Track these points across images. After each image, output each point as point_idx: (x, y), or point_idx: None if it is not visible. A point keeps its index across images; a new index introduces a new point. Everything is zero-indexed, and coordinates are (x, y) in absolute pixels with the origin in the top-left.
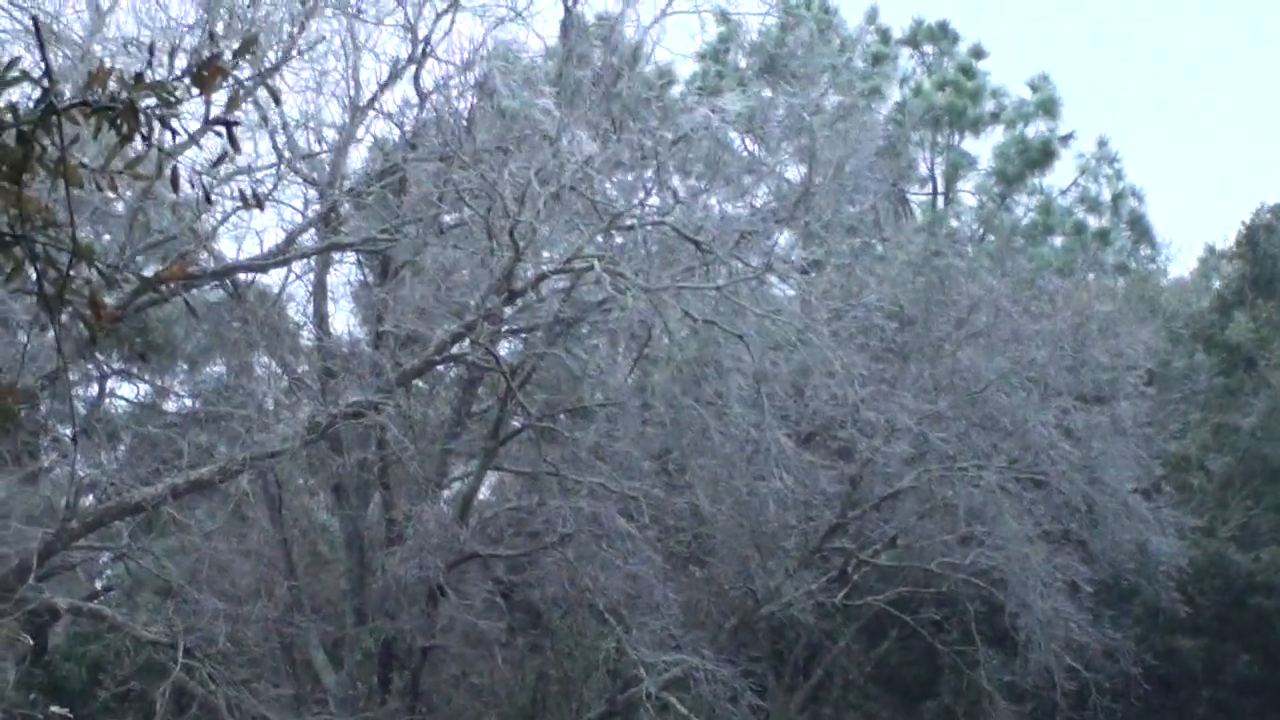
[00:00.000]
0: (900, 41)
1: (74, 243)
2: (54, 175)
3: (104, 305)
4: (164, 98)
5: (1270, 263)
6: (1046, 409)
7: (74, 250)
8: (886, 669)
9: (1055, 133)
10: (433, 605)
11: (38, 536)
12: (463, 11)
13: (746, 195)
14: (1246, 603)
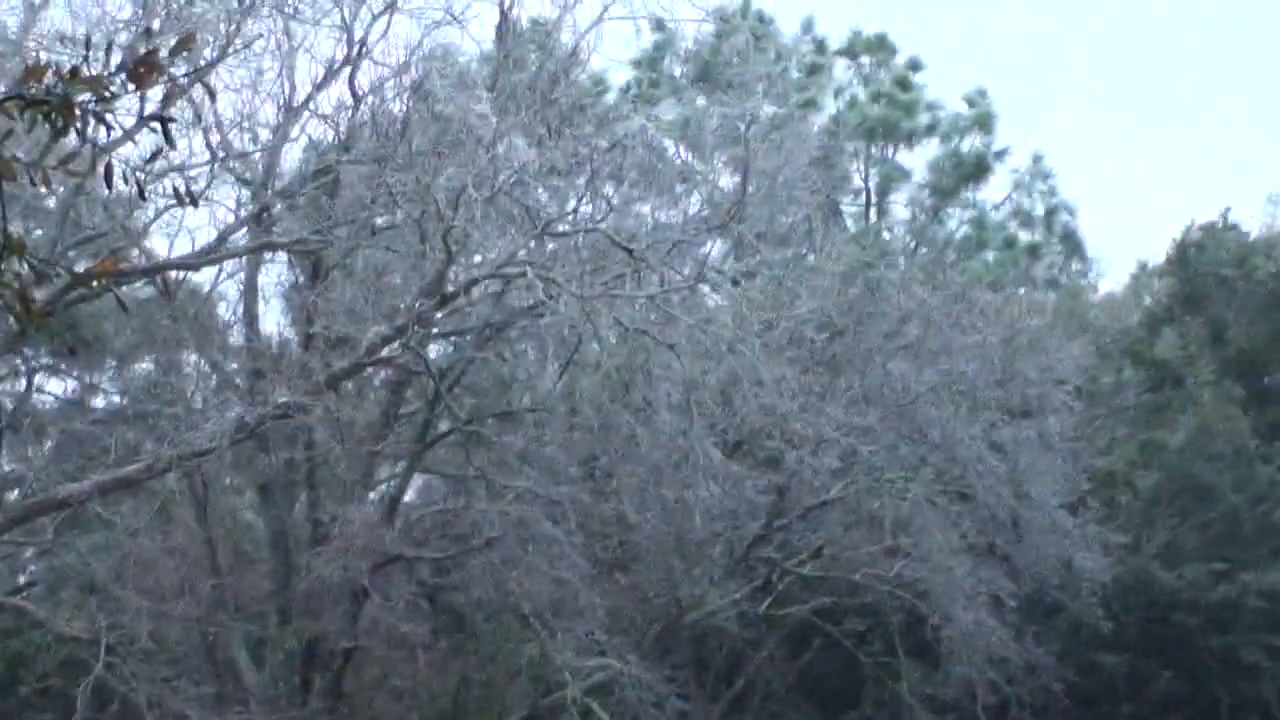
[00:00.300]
0: (838, 52)
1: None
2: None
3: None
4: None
5: (1200, 280)
6: (975, 422)
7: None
8: (809, 679)
9: (990, 147)
10: (356, 606)
11: None
12: (399, 14)
13: (680, 204)
14: (1170, 620)
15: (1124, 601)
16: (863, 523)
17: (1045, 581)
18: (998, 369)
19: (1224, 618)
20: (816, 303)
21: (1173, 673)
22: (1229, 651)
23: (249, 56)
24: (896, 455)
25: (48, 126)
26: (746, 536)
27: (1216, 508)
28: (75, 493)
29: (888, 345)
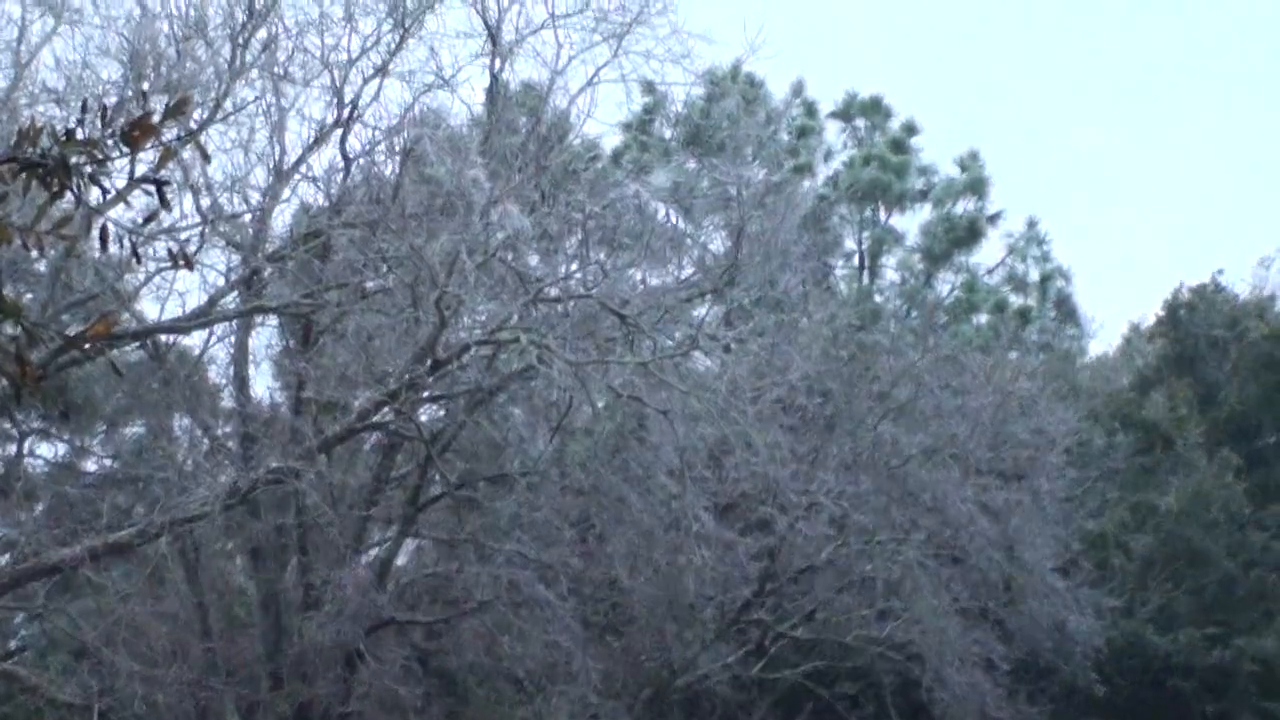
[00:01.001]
0: (833, 114)
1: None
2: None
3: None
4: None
5: (1192, 342)
6: (966, 485)
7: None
8: None
9: (983, 211)
10: (349, 671)
11: None
12: (390, 77)
13: (671, 268)
14: (1164, 684)
15: (1117, 665)
16: (854, 586)
17: (1038, 644)
18: (989, 432)
19: (1218, 683)
20: (808, 367)
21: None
22: (1223, 717)
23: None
24: (888, 518)
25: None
26: (738, 600)
27: (1210, 573)
28: (67, 558)
29: (879, 408)
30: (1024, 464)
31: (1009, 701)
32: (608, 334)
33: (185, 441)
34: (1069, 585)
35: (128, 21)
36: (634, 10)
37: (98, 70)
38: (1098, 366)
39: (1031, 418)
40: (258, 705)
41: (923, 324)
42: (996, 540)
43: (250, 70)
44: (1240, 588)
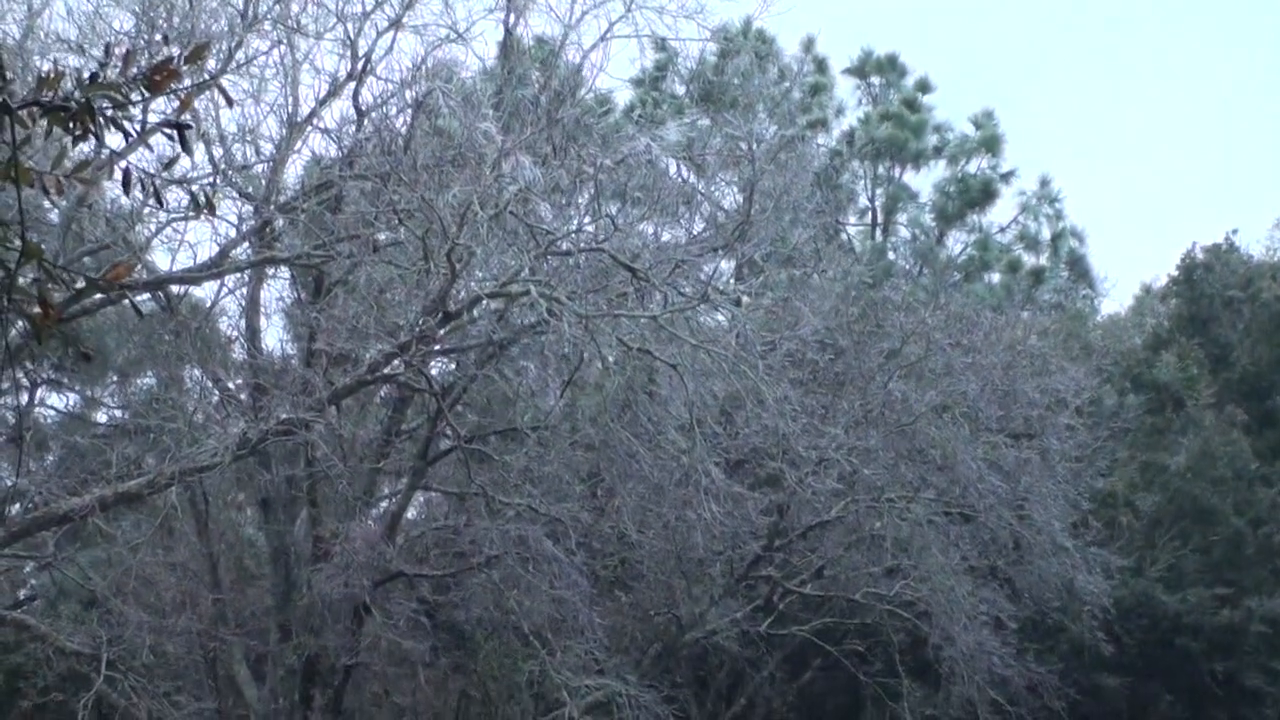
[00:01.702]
0: (847, 71)
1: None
2: (4, 176)
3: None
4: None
5: (1205, 302)
6: (976, 443)
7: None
8: (809, 699)
9: (997, 170)
10: (357, 623)
11: None
12: (403, 30)
13: (683, 223)
14: (1172, 643)
15: (1125, 624)
16: (863, 543)
17: (1046, 603)
18: (999, 390)
19: (1226, 642)
20: (819, 322)
21: (1174, 696)
22: (1231, 676)
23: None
24: (897, 475)
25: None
26: (747, 556)
27: (1219, 531)
28: (77, 507)
29: (889, 365)
30: (1034, 423)
31: (1017, 660)
32: (619, 288)
33: (196, 392)
34: (1078, 544)
35: None
36: None
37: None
38: (1109, 326)
39: (1042, 377)
40: (266, 656)
41: (935, 282)
42: (1006, 499)
43: (263, 22)
44: (1248, 546)
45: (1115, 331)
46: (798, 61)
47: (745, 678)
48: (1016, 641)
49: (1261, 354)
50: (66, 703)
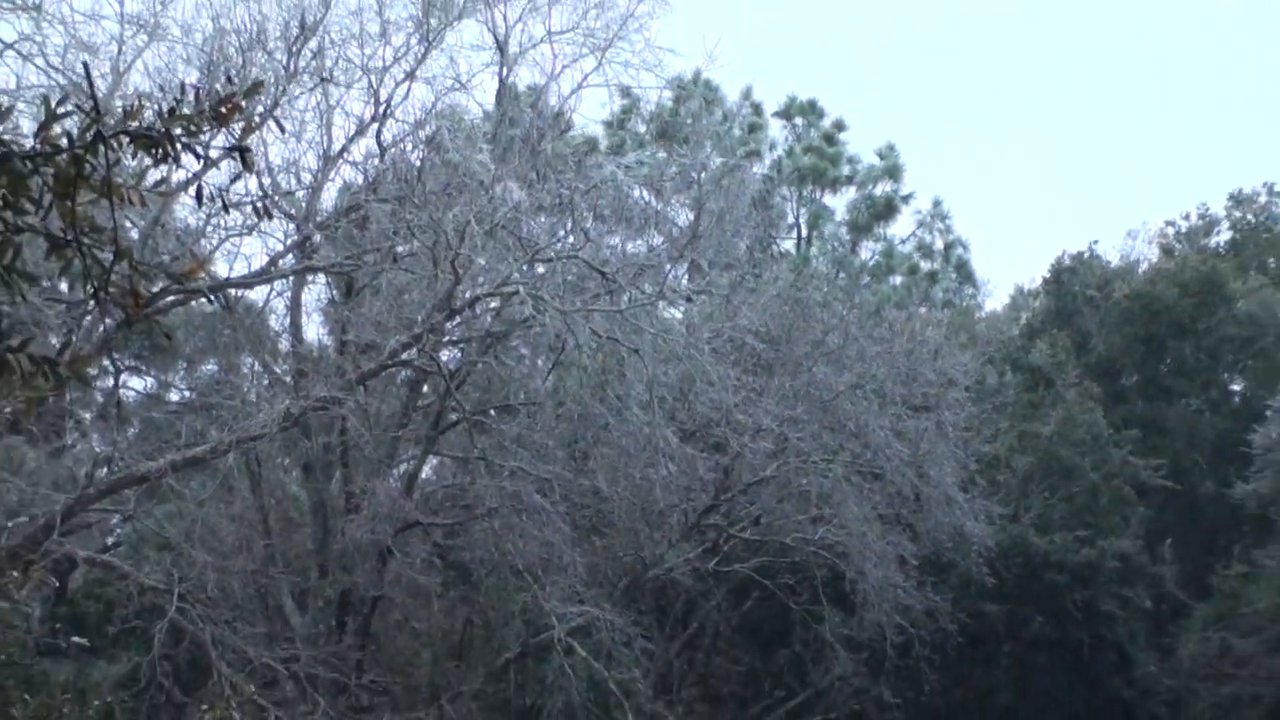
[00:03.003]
0: (777, 114)
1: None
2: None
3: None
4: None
5: (1070, 299)
6: (884, 415)
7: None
8: (749, 623)
9: (898, 192)
10: (382, 563)
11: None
12: (417, 81)
13: (644, 236)
14: (1042, 576)
15: (1004, 561)
16: (792, 496)
17: (941, 545)
18: (902, 372)
19: (1085, 575)
20: (755, 317)
21: (1044, 619)
22: (1089, 602)
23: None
24: (820, 442)
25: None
26: (698, 507)
27: (1079, 485)
28: (153, 469)
29: (813, 352)
30: (931, 398)
31: (917, 590)
32: (592, 289)
33: (249, 376)
34: (966, 497)
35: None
36: (614, 29)
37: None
38: (991, 320)
39: (937, 361)
40: (308, 590)
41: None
42: (908, 460)
43: (302, 75)
44: (1103, 497)
45: (995, 324)
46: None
47: (697, 606)
48: (917, 576)
49: (1115, 342)
50: (146, 629)
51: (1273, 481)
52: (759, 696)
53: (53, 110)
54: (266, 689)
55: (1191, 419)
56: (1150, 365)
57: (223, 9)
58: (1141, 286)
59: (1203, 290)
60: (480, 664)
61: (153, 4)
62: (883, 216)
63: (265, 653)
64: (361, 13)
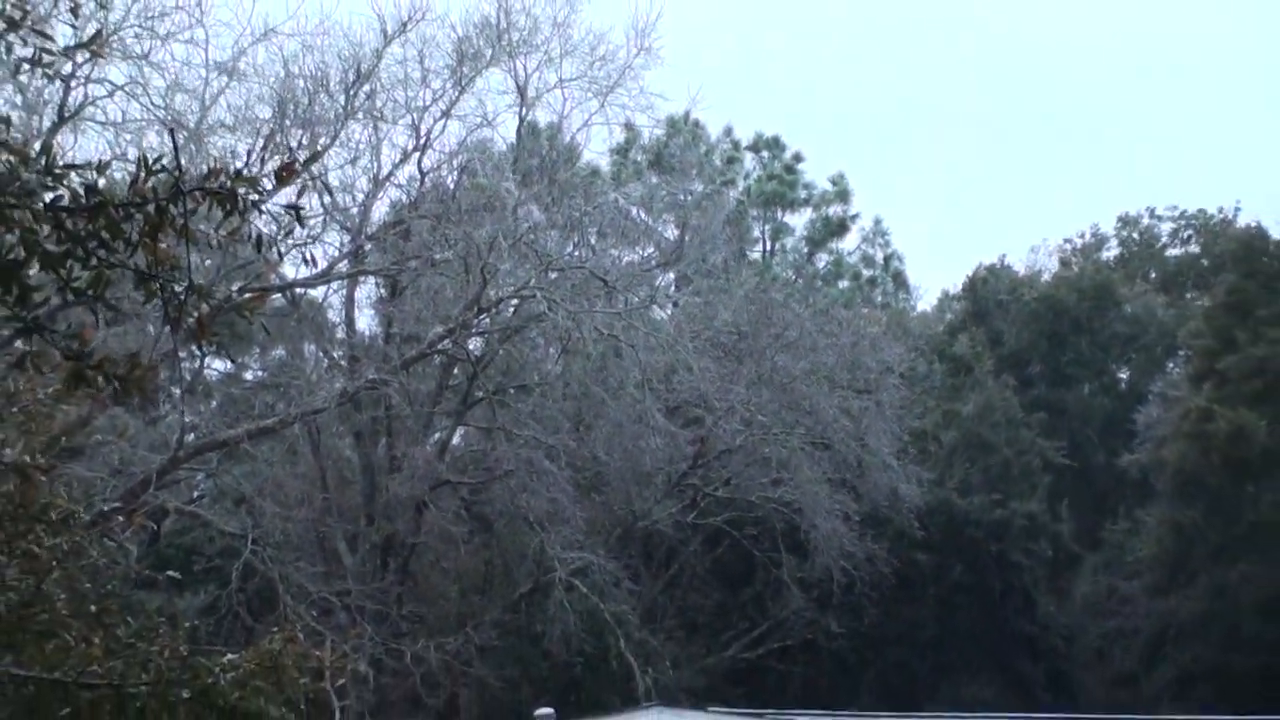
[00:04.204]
0: (749, 147)
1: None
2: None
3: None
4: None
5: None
6: (832, 396)
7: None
8: (720, 566)
9: (846, 213)
10: (419, 514)
11: (156, 461)
12: (451, 118)
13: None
14: (963, 531)
15: (931, 518)
16: (757, 463)
17: (878, 503)
18: (848, 361)
19: (999, 531)
20: (729, 316)
21: (964, 566)
22: (1001, 554)
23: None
24: (780, 418)
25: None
26: (679, 471)
27: (994, 458)
28: (231, 437)
29: (775, 344)
30: (871, 383)
31: (859, 541)
32: (595, 293)
33: (311, 360)
34: (900, 464)
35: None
36: (615, 77)
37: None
38: (921, 318)
39: (876, 352)
40: (358, 536)
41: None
42: (852, 434)
43: (358, 112)
44: (1014, 468)
45: (925, 322)
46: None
47: (677, 552)
48: (858, 529)
49: (1024, 338)
50: (224, 567)
51: (1152, 453)
52: (728, 626)
53: (148, 167)
54: (323, 617)
55: (1086, 401)
56: (1053, 357)
57: (291, 57)
58: (1046, 291)
59: (1096, 295)
60: (498, 598)
61: (234, 52)
62: (834, 233)
63: (322, 588)
64: (406, 62)
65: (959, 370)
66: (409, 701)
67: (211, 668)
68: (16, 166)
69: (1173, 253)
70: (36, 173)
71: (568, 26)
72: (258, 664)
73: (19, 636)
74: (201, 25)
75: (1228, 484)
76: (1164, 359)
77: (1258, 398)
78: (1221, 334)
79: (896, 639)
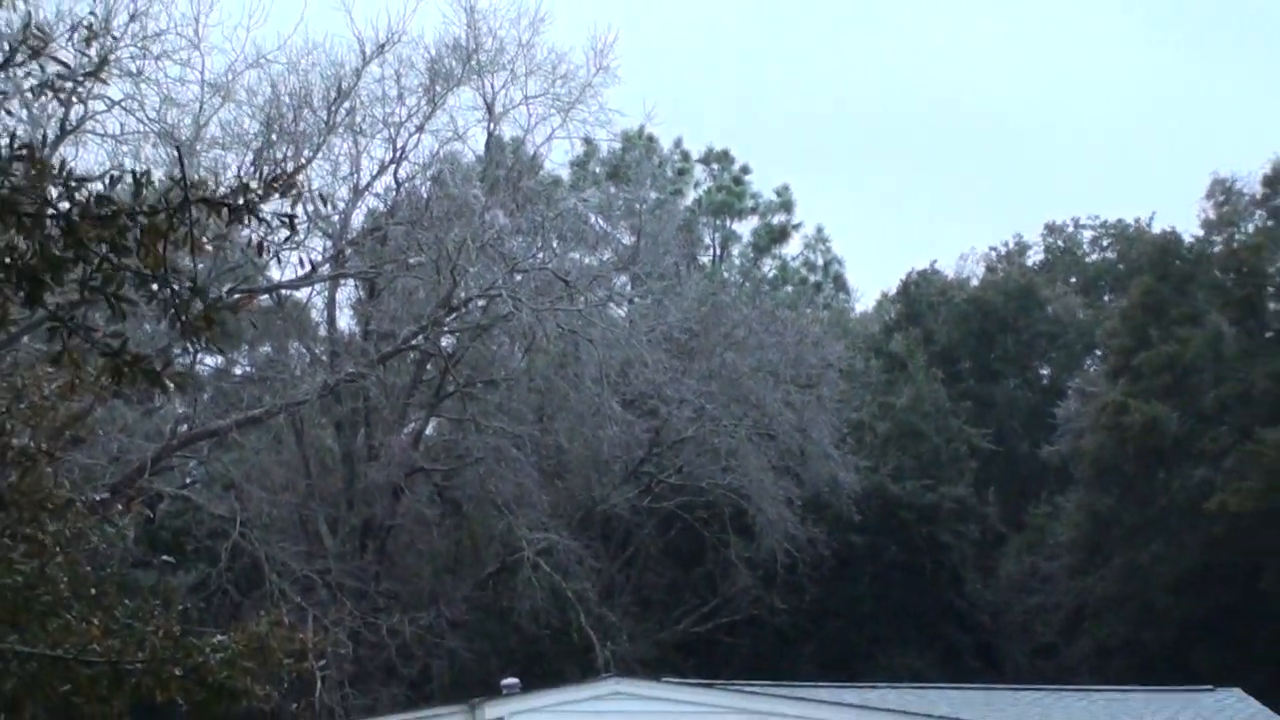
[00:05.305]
0: (700, 160)
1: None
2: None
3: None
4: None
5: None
6: (777, 390)
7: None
8: (673, 547)
9: (790, 221)
10: (395, 499)
11: (151, 449)
12: (425, 133)
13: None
14: (896, 515)
15: (868, 503)
16: (708, 451)
17: (819, 489)
18: (792, 358)
19: (929, 514)
20: (681, 315)
21: (897, 547)
22: (932, 534)
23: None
24: (729, 411)
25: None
26: (636, 458)
27: (925, 446)
28: (221, 426)
29: (724, 342)
30: (813, 378)
31: (801, 524)
32: (557, 293)
33: (295, 356)
34: (839, 453)
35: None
36: (576, 94)
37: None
38: (859, 319)
39: (818, 349)
40: (338, 519)
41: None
42: (795, 425)
43: (339, 127)
44: (944, 455)
45: (863, 322)
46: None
47: (634, 534)
48: (801, 513)
49: (953, 337)
50: (214, 547)
51: (1071, 443)
52: (680, 603)
53: (144, 181)
54: (306, 594)
55: (1011, 395)
56: (980, 354)
57: (279, 77)
58: (975, 294)
59: (1021, 297)
60: (468, 576)
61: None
62: (778, 240)
63: (305, 566)
64: (384, 81)
65: (894, 366)
66: (385, 672)
67: (202, 647)
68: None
69: (1092, 258)
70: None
71: (532, 48)
72: (246, 645)
73: (23, 616)
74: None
75: (1141, 472)
76: (1082, 356)
77: (1169, 391)
78: (1136, 333)
79: (835, 614)
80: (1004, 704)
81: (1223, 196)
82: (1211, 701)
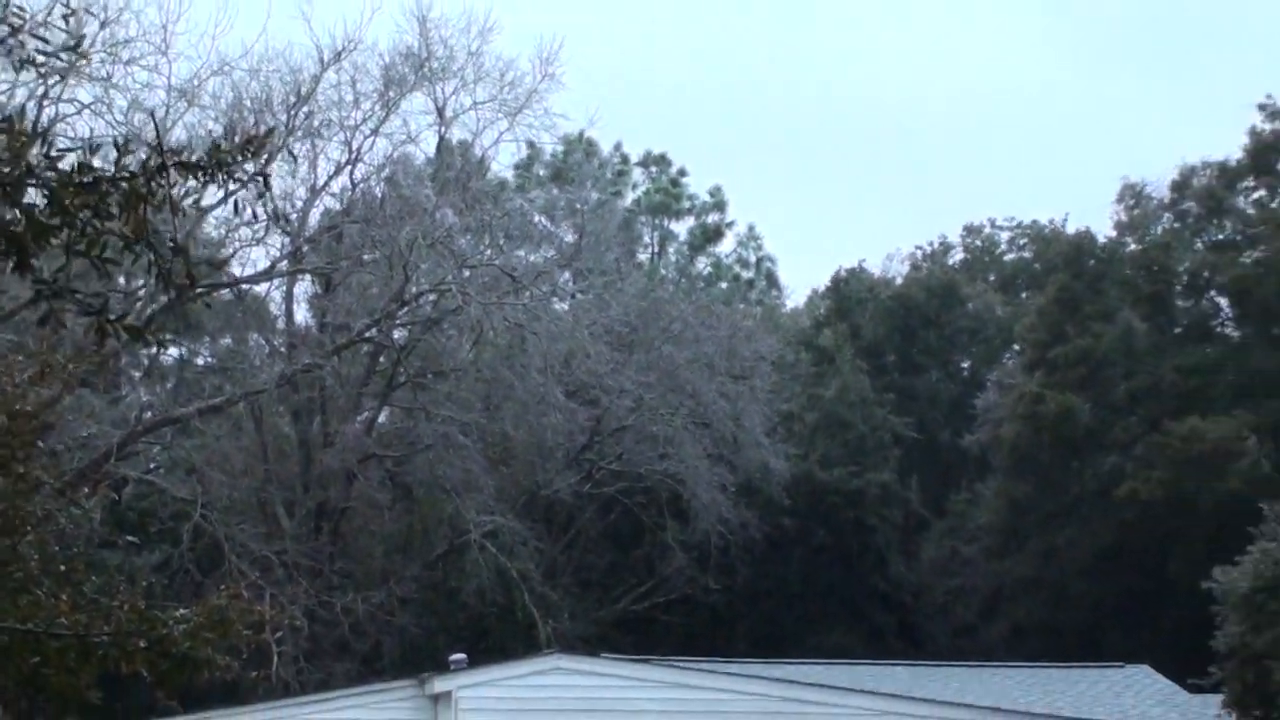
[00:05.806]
0: (639, 163)
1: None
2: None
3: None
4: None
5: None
6: (712, 381)
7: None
8: (613, 530)
9: (723, 221)
10: (349, 483)
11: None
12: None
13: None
14: (824, 500)
15: (797, 489)
16: (646, 439)
17: (751, 475)
18: (726, 350)
19: (856, 499)
20: (621, 309)
21: (825, 530)
22: (858, 519)
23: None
24: (666, 400)
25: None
26: (578, 445)
27: (852, 434)
28: (184, 414)
29: (662, 335)
30: (746, 370)
31: (735, 508)
32: (503, 288)
33: (254, 347)
34: (771, 441)
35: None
36: (522, 100)
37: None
38: (791, 314)
39: (751, 342)
40: (295, 502)
41: (688, 287)
42: (729, 414)
43: (297, 130)
44: (869, 442)
45: (794, 317)
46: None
47: (575, 517)
48: (734, 498)
49: (879, 332)
50: (176, 528)
51: (990, 433)
52: (618, 583)
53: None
54: (264, 573)
55: (934, 387)
56: (905, 348)
57: (240, 82)
58: (899, 291)
59: (943, 294)
60: (418, 557)
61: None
62: (713, 239)
63: (263, 547)
64: (340, 86)
65: (822, 359)
66: (338, 647)
67: (165, 620)
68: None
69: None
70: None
71: (480, 55)
72: (206, 617)
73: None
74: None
75: (1056, 460)
76: (1001, 350)
77: (1082, 383)
78: (1052, 327)
79: (766, 594)
80: (925, 679)
81: (1133, 200)
82: (1121, 677)
